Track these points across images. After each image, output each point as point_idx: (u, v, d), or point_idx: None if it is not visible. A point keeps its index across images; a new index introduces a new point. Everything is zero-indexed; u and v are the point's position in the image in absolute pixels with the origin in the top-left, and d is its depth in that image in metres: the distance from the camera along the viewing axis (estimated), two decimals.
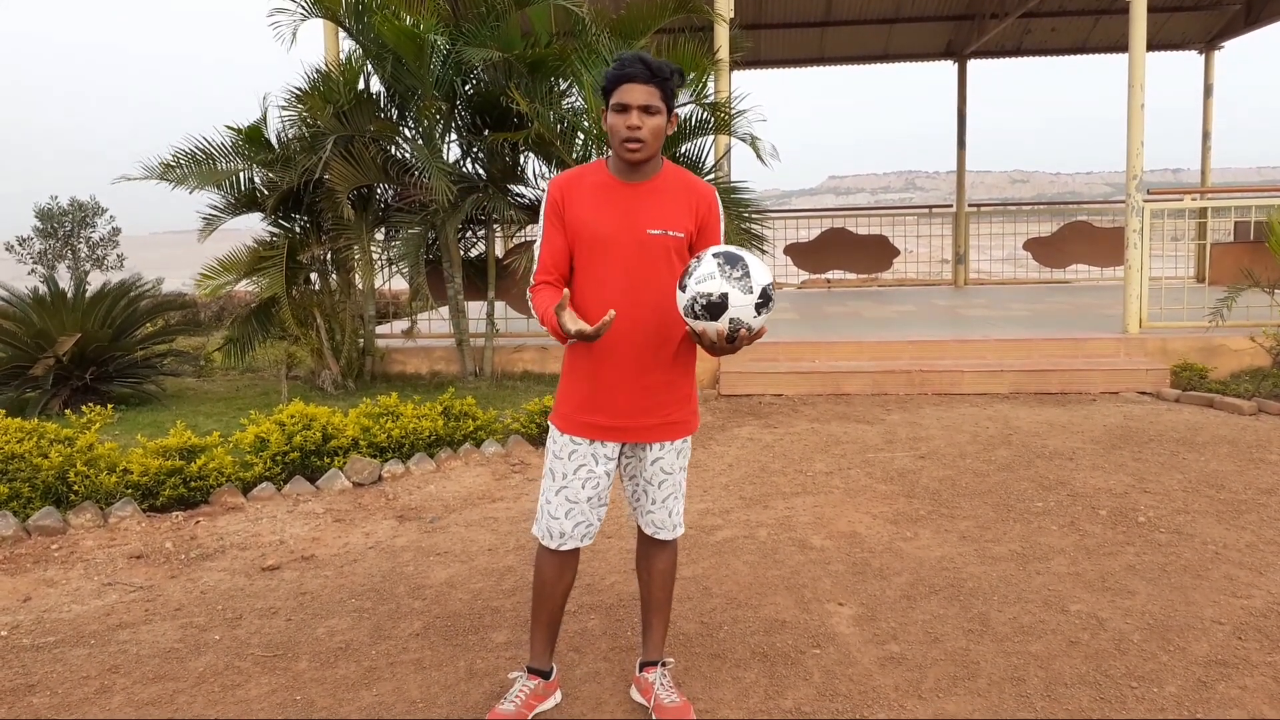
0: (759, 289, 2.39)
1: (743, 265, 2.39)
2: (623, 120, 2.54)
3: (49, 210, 17.65)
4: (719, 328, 2.40)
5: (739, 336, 2.42)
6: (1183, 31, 13.43)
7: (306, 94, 7.77)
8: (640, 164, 2.61)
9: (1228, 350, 7.81)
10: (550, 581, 2.80)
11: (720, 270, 2.38)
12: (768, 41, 13.58)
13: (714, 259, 2.41)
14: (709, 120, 7.73)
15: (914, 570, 3.90)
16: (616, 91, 2.54)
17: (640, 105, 2.53)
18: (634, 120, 2.53)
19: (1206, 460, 5.43)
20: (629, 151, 2.56)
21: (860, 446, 5.93)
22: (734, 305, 2.37)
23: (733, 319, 2.38)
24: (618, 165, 2.66)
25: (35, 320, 7.61)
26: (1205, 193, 9.95)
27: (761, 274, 2.41)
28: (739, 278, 2.37)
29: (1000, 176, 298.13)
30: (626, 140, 2.55)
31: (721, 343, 2.44)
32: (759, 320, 2.42)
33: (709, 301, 2.38)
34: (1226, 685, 2.94)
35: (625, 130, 2.54)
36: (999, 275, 17.09)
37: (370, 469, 5.26)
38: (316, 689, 3.04)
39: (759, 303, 2.39)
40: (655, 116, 2.55)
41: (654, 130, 2.55)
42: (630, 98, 2.52)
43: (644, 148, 2.56)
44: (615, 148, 2.59)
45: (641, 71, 2.52)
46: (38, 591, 3.88)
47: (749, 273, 2.38)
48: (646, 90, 2.52)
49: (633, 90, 2.52)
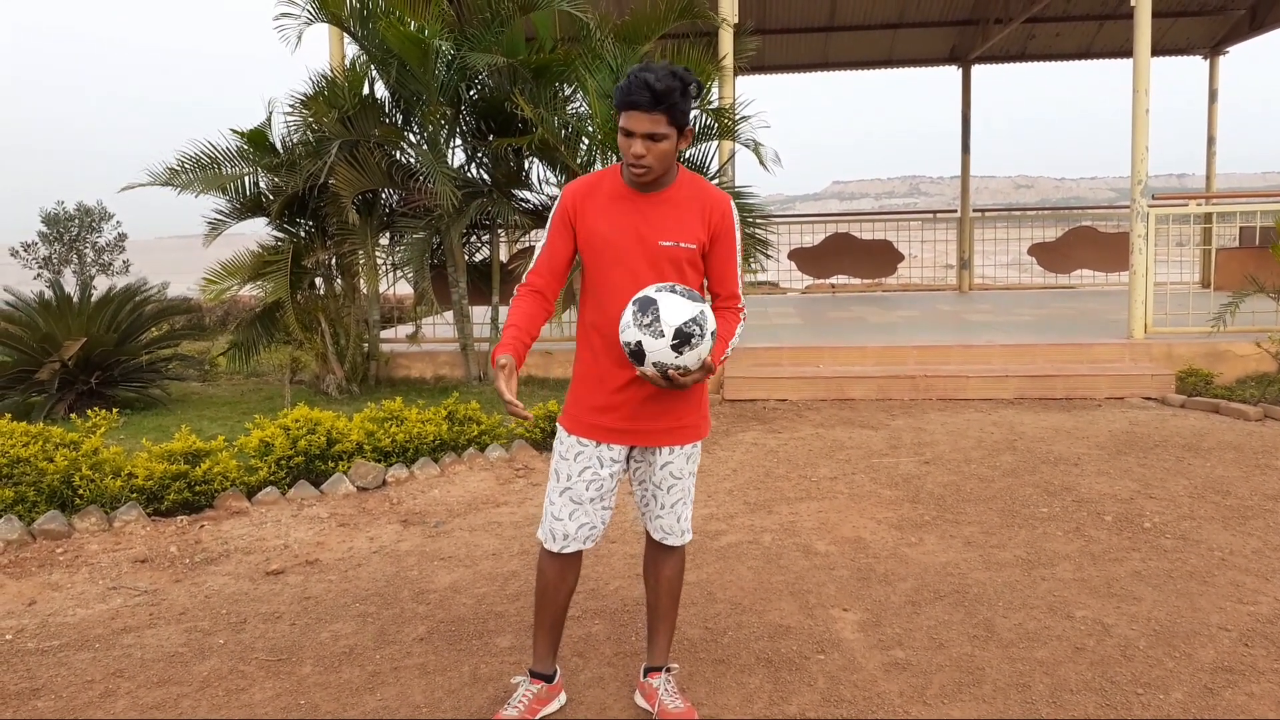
0: (671, 330, 2.39)
1: (653, 309, 2.41)
2: (627, 145, 2.54)
3: (55, 215, 17.72)
4: (650, 372, 2.47)
5: (671, 375, 2.46)
6: (1187, 36, 13.42)
7: (311, 99, 7.79)
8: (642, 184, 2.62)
9: (1233, 356, 7.79)
10: (552, 585, 2.80)
11: (634, 319, 2.43)
12: (771, 47, 13.58)
13: (631, 306, 2.45)
14: (713, 126, 7.74)
15: (919, 576, 3.89)
16: (623, 115, 2.53)
17: (644, 134, 2.50)
18: (638, 149, 2.52)
19: (1212, 466, 5.42)
20: (635, 175, 2.58)
21: (865, 452, 5.92)
22: (650, 351, 2.41)
23: (655, 363, 2.43)
24: (629, 175, 2.66)
25: (41, 324, 7.62)
26: (1210, 198, 9.95)
27: (675, 314, 2.40)
28: (648, 324, 2.40)
29: (1005, 181, 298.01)
30: (632, 165, 2.55)
31: (661, 382, 2.48)
32: (686, 358, 2.43)
33: (630, 350, 2.44)
34: (1233, 692, 2.93)
35: (630, 156, 2.54)
36: (1004, 280, 17.08)
37: (374, 473, 5.27)
38: (321, 693, 3.04)
39: (675, 344, 2.40)
40: (661, 142, 2.53)
41: (660, 155, 2.54)
42: (635, 125, 2.50)
43: (649, 172, 2.56)
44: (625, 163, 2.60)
45: (646, 100, 2.46)
46: (43, 595, 3.88)
47: (659, 316, 2.40)
48: (650, 118, 2.49)
49: (637, 119, 2.49)
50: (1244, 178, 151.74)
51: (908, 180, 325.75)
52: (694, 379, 2.50)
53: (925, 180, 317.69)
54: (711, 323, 2.46)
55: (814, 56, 14.41)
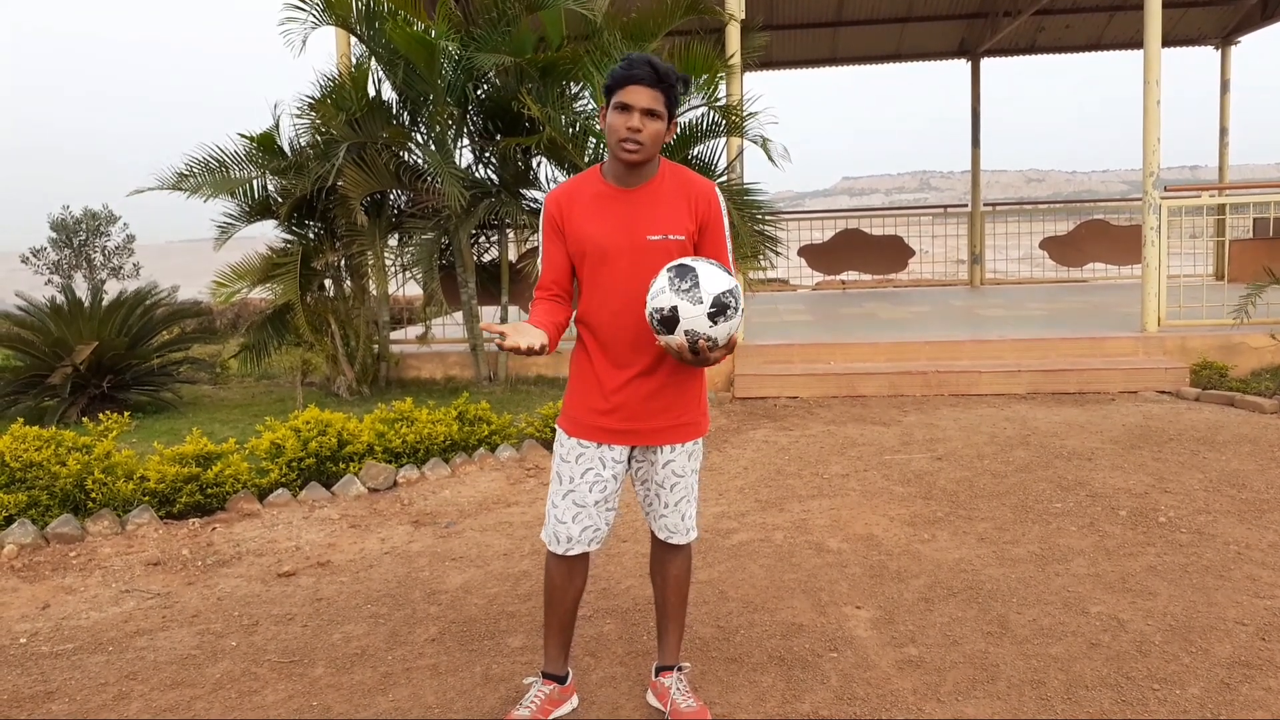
0: (709, 298, 2.38)
1: (692, 276, 2.40)
2: (624, 120, 2.52)
3: (63, 220, 17.81)
4: (678, 340, 2.43)
5: (699, 347, 2.43)
6: (1199, 26, 13.33)
7: (319, 101, 7.81)
8: (636, 166, 2.59)
9: (1248, 348, 7.73)
10: (560, 587, 2.79)
11: (670, 284, 2.41)
12: (779, 42, 13.56)
13: (666, 273, 2.44)
14: (721, 123, 7.71)
15: (932, 572, 3.87)
16: (621, 91, 2.52)
17: (643, 108, 2.51)
18: (635, 122, 2.51)
19: (1227, 459, 5.37)
20: (626, 152, 2.54)
21: (876, 448, 5.89)
22: (685, 317, 2.39)
23: (687, 330, 2.40)
24: (613, 170, 2.64)
25: (53, 329, 7.66)
26: (1223, 189, 9.87)
27: (714, 282, 2.40)
28: (687, 289, 2.39)
29: (1016, 175, 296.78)
30: (625, 140, 2.53)
31: (686, 354, 2.45)
32: (719, 329, 2.42)
33: (662, 316, 2.41)
34: (1250, 687, 2.90)
35: (625, 130, 2.52)
36: (1015, 275, 16.99)
37: (385, 474, 5.27)
38: (333, 695, 3.04)
39: (711, 311, 2.39)
40: (657, 121, 2.53)
41: (654, 135, 2.54)
42: (634, 99, 2.51)
43: (642, 150, 2.54)
44: (612, 147, 2.57)
45: (648, 74, 2.50)
46: (56, 599, 3.89)
47: (698, 283, 2.39)
48: (651, 94, 2.51)
49: (638, 92, 2.51)
50: (1258, 169, 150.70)
51: (918, 175, 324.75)
52: (715, 358, 2.48)
53: (935, 175, 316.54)
54: (743, 300, 2.46)
55: (822, 51, 14.38)
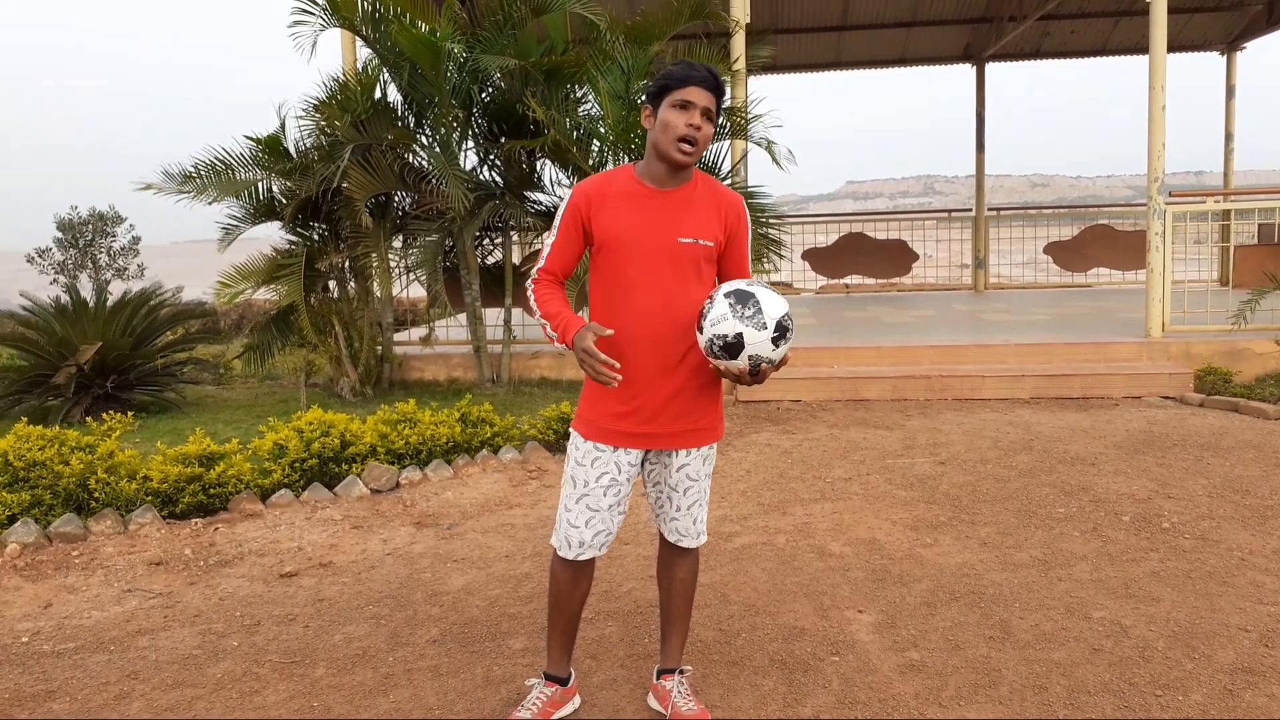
0: (773, 323, 2.41)
1: (754, 303, 2.42)
2: (684, 118, 2.53)
3: (69, 221, 17.85)
4: (740, 365, 2.45)
5: (761, 370, 2.46)
6: (1204, 32, 13.32)
7: (324, 103, 7.82)
8: (684, 167, 2.61)
9: (1252, 354, 7.71)
10: (566, 591, 2.78)
11: (733, 311, 2.42)
12: (784, 46, 13.57)
13: (725, 300, 2.45)
14: (726, 126, 7.72)
15: (934, 577, 3.87)
16: (681, 90, 2.54)
17: (704, 107, 2.55)
18: (696, 120, 2.53)
19: (1231, 465, 5.36)
20: (682, 152, 2.55)
21: (879, 452, 5.89)
22: (750, 343, 2.41)
23: (751, 356, 2.42)
24: (649, 171, 2.64)
25: (57, 329, 7.68)
26: (1228, 194, 9.85)
27: (775, 307, 2.43)
28: (751, 315, 2.41)
29: (1020, 180, 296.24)
30: (684, 139, 2.54)
31: (745, 378, 2.49)
32: (779, 352, 2.45)
33: (725, 343, 2.42)
34: (1253, 694, 2.89)
35: (685, 128, 2.53)
36: (1019, 280, 16.96)
37: (388, 476, 5.27)
38: (334, 696, 3.04)
39: (775, 336, 2.42)
40: (710, 124, 2.57)
41: (707, 136, 2.58)
42: (696, 98, 2.54)
43: (695, 151, 2.56)
44: (664, 146, 2.56)
45: (708, 78, 2.55)
46: (59, 598, 3.90)
47: (761, 309, 2.41)
48: (709, 96, 2.56)
49: (699, 93, 2.54)
50: (1263, 174, 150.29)
51: (922, 179, 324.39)
52: (763, 378, 2.51)
53: (940, 179, 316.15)
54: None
55: (827, 56, 14.39)
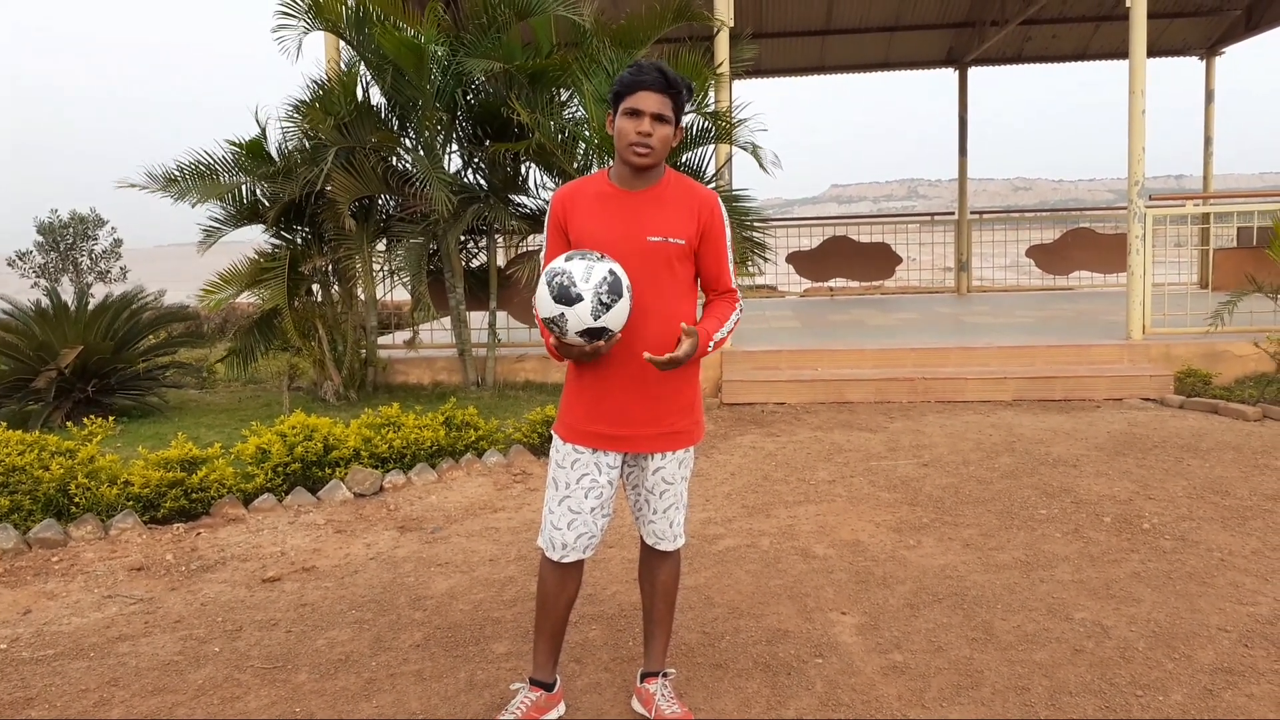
0: (590, 293, 2.44)
1: (567, 276, 2.46)
2: (634, 125, 2.55)
3: (49, 224, 17.70)
4: (577, 340, 2.50)
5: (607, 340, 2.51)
6: (1183, 37, 13.43)
7: (307, 106, 7.79)
8: (644, 170, 2.62)
9: (1232, 356, 7.78)
10: (553, 594, 2.79)
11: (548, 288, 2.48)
12: (768, 50, 13.59)
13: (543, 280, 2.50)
14: (710, 129, 7.73)
15: (917, 579, 3.88)
16: (631, 97, 2.56)
17: (653, 113, 2.55)
18: (645, 127, 2.55)
19: (1211, 466, 5.41)
20: (636, 156, 2.57)
21: (863, 455, 5.91)
22: (572, 317, 2.46)
23: (582, 331, 2.48)
24: (620, 174, 2.66)
25: (37, 333, 7.61)
26: (1207, 198, 9.95)
27: (590, 275, 2.45)
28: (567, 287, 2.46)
29: (1002, 184, 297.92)
30: (635, 145, 2.56)
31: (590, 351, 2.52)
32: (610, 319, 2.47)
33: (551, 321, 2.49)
34: (1233, 693, 2.91)
35: (635, 135, 2.55)
36: (1002, 282, 17.07)
37: (371, 480, 5.25)
38: (316, 701, 3.02)
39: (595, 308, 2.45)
40: (665, 126, 2.58)
41: (663, 139, 2.58)
42: (644, 104, 2.55)
43: (652, 154, 2.58)
44: (621, 151, 2.59)
45: (658, 80, 2.55)
46: (38, 604, 3.86)
47: (574, 280, 2.46)
48: (660, 99, 2.56)
49: (648, 98, 2.55)
50: (1241, 178, 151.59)
51: (905, 183, 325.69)
52: (680, 364, 2.52)
53: (923, 183, 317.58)
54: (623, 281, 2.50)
55: (811, 60, 14.43)
